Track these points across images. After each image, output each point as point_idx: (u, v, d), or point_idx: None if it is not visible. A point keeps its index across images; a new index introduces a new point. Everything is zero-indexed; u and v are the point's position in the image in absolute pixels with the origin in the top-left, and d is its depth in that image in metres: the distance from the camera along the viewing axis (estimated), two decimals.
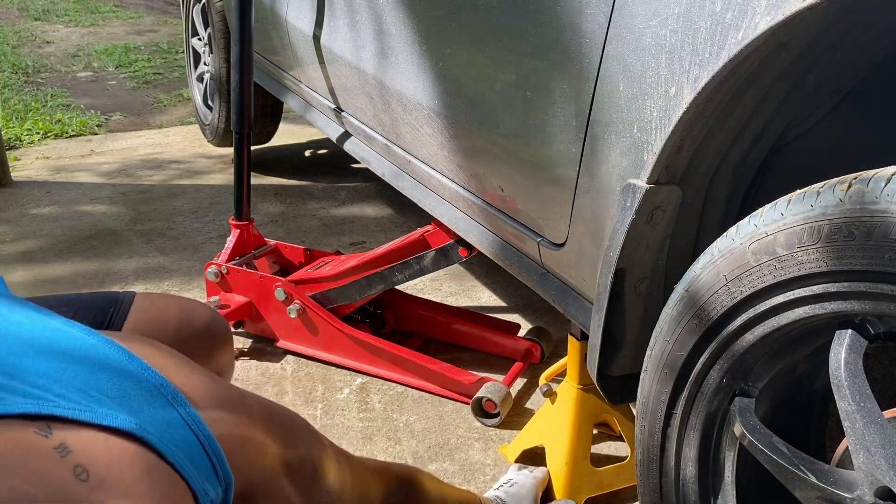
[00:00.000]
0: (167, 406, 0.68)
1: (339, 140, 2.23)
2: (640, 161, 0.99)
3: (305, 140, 3.92)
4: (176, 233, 2.76)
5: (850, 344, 0.75)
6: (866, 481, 0.73)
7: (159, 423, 0.65)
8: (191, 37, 3.58)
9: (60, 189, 3.17)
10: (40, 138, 3.86)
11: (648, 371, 1.01)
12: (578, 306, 1.27)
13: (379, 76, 1.73)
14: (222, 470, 0.70)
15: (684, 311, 0.92)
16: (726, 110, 0.93)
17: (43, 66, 5.39)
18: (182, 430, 0.67)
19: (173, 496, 0.63)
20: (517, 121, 1.27)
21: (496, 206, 1.44)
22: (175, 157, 3.59)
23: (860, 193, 0.72)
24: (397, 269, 1.86)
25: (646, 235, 1.02)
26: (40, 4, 7.83)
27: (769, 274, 0.80)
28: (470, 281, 2.40)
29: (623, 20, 0.98)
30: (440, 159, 1.60)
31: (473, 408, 1.73)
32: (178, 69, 5.33)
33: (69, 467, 0.57)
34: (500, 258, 1.48)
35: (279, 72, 2.60)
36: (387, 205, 3.04)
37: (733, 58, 0.82)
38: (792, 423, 0.94)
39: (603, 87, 1.04)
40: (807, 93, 0.96)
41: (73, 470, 0.57)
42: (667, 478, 1.02)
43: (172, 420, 0.67)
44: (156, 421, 0.65)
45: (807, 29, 0.85)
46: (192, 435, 0.68)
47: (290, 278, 1.98)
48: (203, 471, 0.67)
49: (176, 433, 0.66)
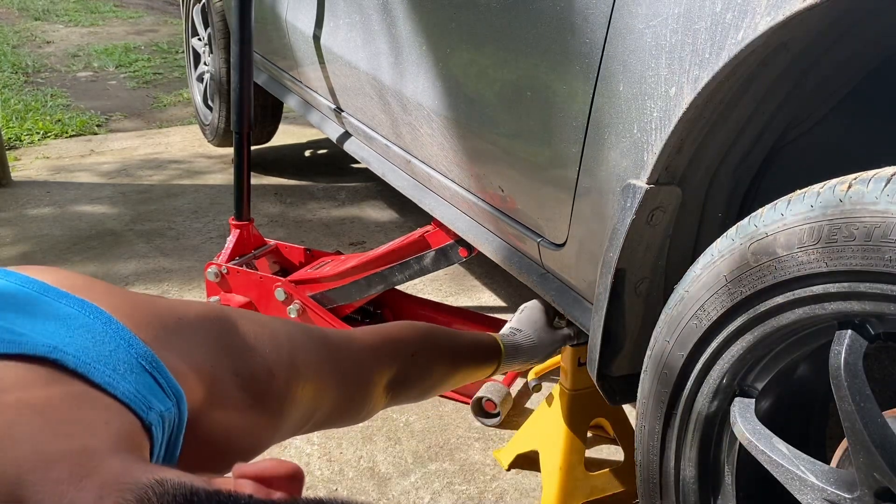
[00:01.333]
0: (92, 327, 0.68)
1: (339, 140, 2.23)
2: (640, 161, 0.99)
3: (305, 140, 3.92)
4: (176, 233, 2.76)
5: (850, 344, 0.75)
6: (866, 482, 0.73)
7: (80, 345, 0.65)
8: (191, 37, 3.58)
9: (60, 189, 3.17)
10: (40, 138, 3.86)
11: (648, 371, 1.01)
12: (578, 306, 1.27)
13: (379, 76, 1.73)
14: (167, 383, 0.69)
15: (684, 312, 0.92)
16: (726, 110, 0.93)
17: (43, 66, 5.39)
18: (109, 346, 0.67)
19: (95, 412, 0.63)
20: (517, 121, 1.27)
21: (496, 207, 1.44)
22: (175, 157, 3.59)
23: (860, 194, 0.72)
24: (397, 270, 1.86)
25: (646, 236, 1.02)
26: (40, 4, 7.83)
27: (769, 274, 0.80)
28: (470, 281, 2.40)
29: (623, 20, 0.98)
30: (440, 159, 1.60)
31: (473, 408, 1.73)
32: (178, 69, 5.33)
33: None
34: (499, 258, 1.48)
35: (279, 72, 2.60)
36: (387, 205, 3.04)
37: (733, 58, 0.82)
38: (792, 423, 0.94)
39: (603, 88, 1.04)
40: (807, 93, 0.96)
41: None
42: (667, 478, 1.02)
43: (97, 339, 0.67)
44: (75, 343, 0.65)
45: (807, 29, 0.85)
46: (121, 351, 0.67)
47: (290, 278, 1.98)
48: (143, 386, 0.67)
49: (101, 351, 0.66)
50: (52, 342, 0.63)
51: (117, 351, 0.67)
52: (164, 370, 0.69)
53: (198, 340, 0.78)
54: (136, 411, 0.65)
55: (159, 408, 0.68)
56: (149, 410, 0.66)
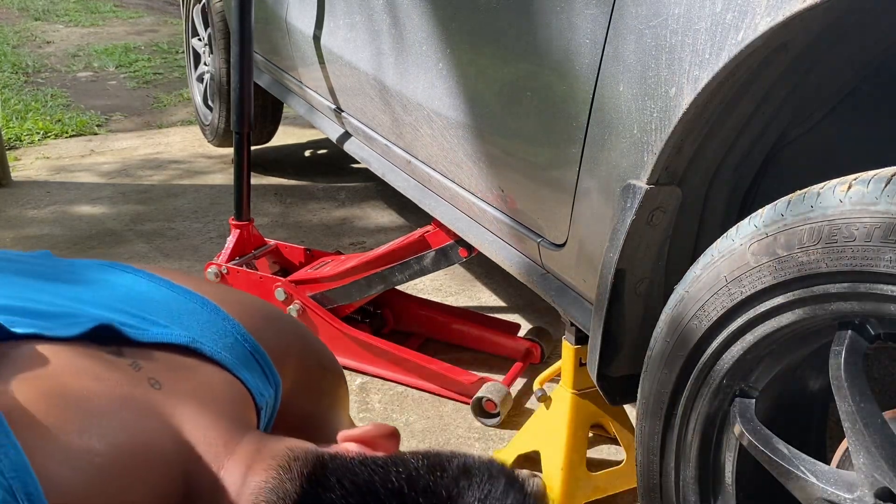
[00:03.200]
0: (217, 319, 0.76)
1: (339, 140, 2.23)
2: (640, 162, 0.99)
3: (305, 140, 3.91)
4: (176, 233, 2.76)
5: (850, 345, 0.75)
6: (866, 482, 0.73)
7: (211, 334, 0.74)
8: (191, 37, 3.57)
9: (60, 189, 3.17)
10: (40, 138, 3.86)
11: (649, 372, 1.01)
12: (578, 307, 1.27)
13: (379, 76, 1.73)
14: (270, 372, 0.78)
15: (684, 312, 0.92)
16: (726, 111, 0.93)
17: (43, 66, 5.39)
18: (230, 339, 0.76)
19: (233, 394, 0.73)
20: (517, 121, 1.27)
21: (496, 207, 1.44)
22: (175, 157, 3.58)
23: (860, 194, 0.72)
24: (397, 270, 1.86)
25: (646, 236, 1.02)
26: (40, 4, 7.83)
27: (769, 275, 0.80)
28: (470, 281, 2.40)
29: (623, 20, 0.98)
30: (440, 160, 1.60)
31: (473, 408, 1.73)
32: (178, 69, 5.33)
33: (144, 378, 0.67)
34: (499, 258, 1.48)
35: (279, 72, 2.60)
36: (387, 205, 3.04)
37: (733, 58, 0.82)
38: (792, 423, 0.94)
39: (603, 88, 1.04)
40: (807, 93, 0.96)
41: (147, 381, 0.67)
42: (667, 478, 1.02)
43: (221, 329, 0.76)
44: (206, 332, 0.74)
45: (807, 29, 0.85)
46: (239, 343, 0.76)
47: (290, 278, 1.98)
48: (255, 374, 0.76)
49: (226, 342, 0.75)
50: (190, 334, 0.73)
51: (236, 345, 0.76)
52: (267, 360, 0.78)
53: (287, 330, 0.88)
54: (254, 396, 0.75)
55: (266, 394, 0.77)
56: (260, 396, 0.76)
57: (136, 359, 0.68)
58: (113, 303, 0.74)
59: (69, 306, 0.71)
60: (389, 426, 0.73)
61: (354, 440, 0.71)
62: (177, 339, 0.71)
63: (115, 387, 0.65)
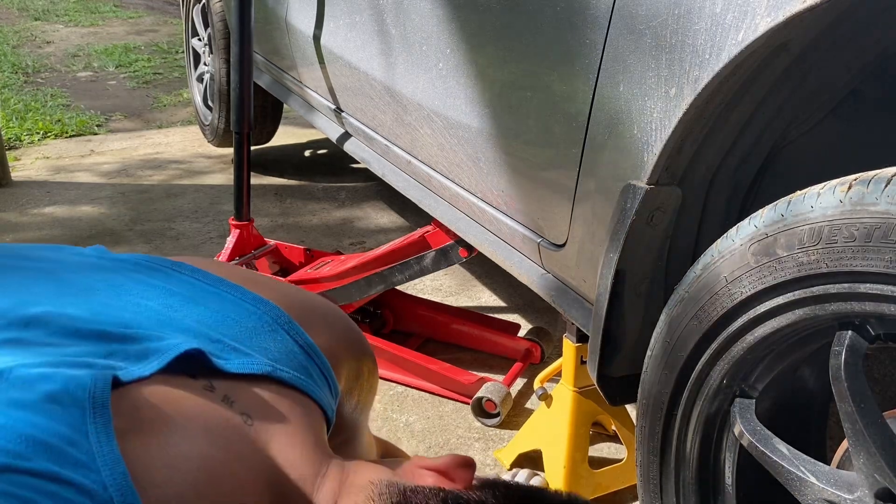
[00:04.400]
0: (285, 336, 0.76)
1: (339, 140, 2.23)
2: (641, 162, 0.99)
3: (305, 140, 3.91)
4: (176, 233, 2.76)
5: (851, 345, 0.75)
6: (866, 482, 0.73)
7: (285, 356, 0.74)
8: (191, 37, 3.57)
9: (60, 189, 3.17)
10: (40, 138, 3.86)
11: (649, 372, 1.01)
12: (579, 307, 1.27)
13: (378, 77, 1.73)
14: (332, 382, 0.78)
15: (685, 313, 0.92)
16: (726, 111, 0.93)
17: (43, 66, 5.39)
18: (301, 356, 0.76)
19: (313, 418, 0.73)
20: (517, 121, 1.27)
21: (496, 207, 1.44)
22: (175, 157, 3.58)
23: (860, 195, 0.72)
24: (397, 270, 1.86)
25: (646, 236, 1.02)
26: (40, 4, 7.82)
27: (769, 275, 0.80)
28: (470, 281, 2.40)
29: (623, 21, 0.98)
30: (440, 160, 1.60)
31: (473, 408, 1.73)
32: (178, 69, 5.33)
33: (236, 415, 0.67)
34: (499, 259, 1.48)
35: (279, 72, 2.60)
36: (387, 205, 3.04)
37: (733, 59, 0.82)
38: (792, 424, 0.94)
39: (603, 88, 1.04)
40: (807, 93, 0.96)
41: (240, 417, 0.67)
42: (667, 479, 1.02)
43: (291, 349, 0.75)
44: (281, 355, 0.74)
45: (807, 30, 0.85)
46: (308, 359, 0.76)
47: (290, 278, 1.98)
48: (323, 387, 0.76)
49: (298, 360, 0.75)
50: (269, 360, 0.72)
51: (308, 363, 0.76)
52: (331, 372, 0.78)
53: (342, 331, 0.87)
54: (325, 412, 0.76)
55: (333, 406, 0.78)
56: (331, 411, 0.77)
57: (226, 392, 0.68)
58: (192, 324, 0.73)
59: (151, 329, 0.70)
60: (466, 457, 0.72)
61: (432, 469, 0.70)
62: (260, 368, 0.71)
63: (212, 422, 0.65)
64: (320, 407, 0.75)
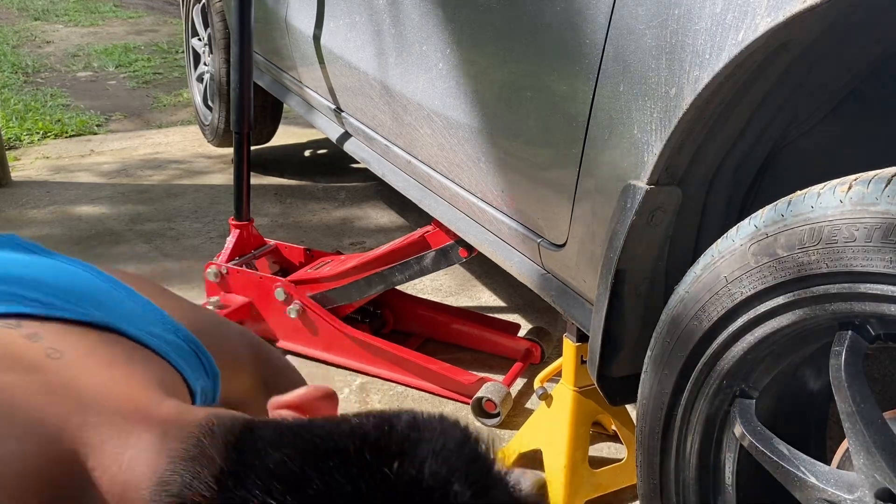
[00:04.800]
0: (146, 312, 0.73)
1: (339, 140, 2.23)
2: (641, 162, 0.99)
3: (305, 140, 3.91)
4: (176, 233, 2.76)
5: (851, 345, 0.75)
6: (866, 482, 0.73)
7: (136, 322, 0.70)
8: (191, 37, 3.57)
9: (60, 189, 3.17)
10: (40, 138, 3.86)
11: (649, 372, 1.01)
12: (579, 307, 1.27)
13: (378, 76, 1.73)
14: (208, 362, 0.75)
15: (685, 313, 0.92)
16: (727, 111, 0.93)
17: (43, 66, 5.39)
18: (165, 332, 0.72)
19: (153, 365, 0.67)
20: (517, 121, 1.27)
21: (496, 207, 1.44)
22: (175, 157, 3.58)
23: (860, 195, 0.72)
24: (397, 270, 1.86)
25: (646, 236, 1.02)
26: (40, 4, 7.82)
27: (770, 275, 0.80)
28: (470, 281, 2.40)
29: (623, 21, 0.98)
30: (440, 160, 1.60)
31: (473, 408, 1.73)
32: (178, 69, 5.32)
33: (40, 348, 0.61)
34: (499, 259, 1.48)
35: (279, 72, 2.60)
36: (387, 205, 3.04)
37: (734, 59, 0.82)
38: (792, 424, 0.94)
39: (603, 88, 1.04)
40: (807, 93, 0.96)
41: (44, 351, 0.61)
42: (667, 479, 1.02)
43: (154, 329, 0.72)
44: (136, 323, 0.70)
45: (807, 30, 0.85)
46: (173, 336, 0.73)
47: (290, 278, 1.98)
48: (190, 363, 0.72)
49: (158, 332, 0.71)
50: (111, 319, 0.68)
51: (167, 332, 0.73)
52: (203, 350, 0.75)
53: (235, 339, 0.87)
54: (186, 378, 0.71)
55: (203, 383, 0.74)
56: (195, 381, 0.72)
57: (35, 331, 0.62)
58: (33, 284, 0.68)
59: None
60: (325, 387, 0.64)
61: (288, 406, 0.63)
62: (93, 318, 0.65)
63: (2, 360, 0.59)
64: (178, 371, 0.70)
